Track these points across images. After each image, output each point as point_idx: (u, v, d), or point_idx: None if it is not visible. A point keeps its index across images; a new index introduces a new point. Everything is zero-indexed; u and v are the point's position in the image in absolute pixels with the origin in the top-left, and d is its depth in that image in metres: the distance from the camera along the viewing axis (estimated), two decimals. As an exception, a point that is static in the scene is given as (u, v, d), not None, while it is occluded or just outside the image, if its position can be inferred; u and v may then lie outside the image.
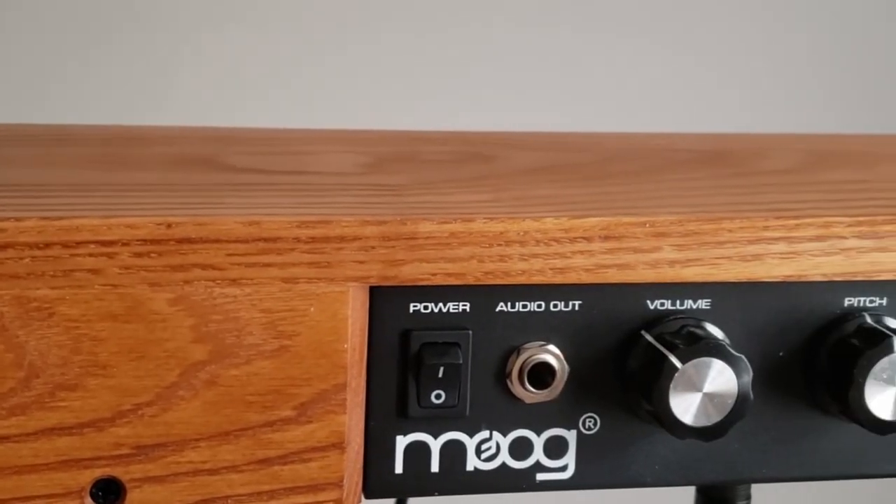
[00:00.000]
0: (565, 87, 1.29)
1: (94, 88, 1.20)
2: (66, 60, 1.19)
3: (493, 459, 0.46)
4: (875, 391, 0.45)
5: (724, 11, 1.32)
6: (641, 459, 0.47)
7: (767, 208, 0.46)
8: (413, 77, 1.26)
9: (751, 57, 1.33)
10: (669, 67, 1.31)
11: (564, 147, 0.63)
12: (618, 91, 1.30)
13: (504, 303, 0.45)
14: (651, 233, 0.44)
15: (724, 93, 1.33)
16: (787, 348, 0.47)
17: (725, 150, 0.64)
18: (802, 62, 1.34)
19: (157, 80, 1.21)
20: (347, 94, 1.25)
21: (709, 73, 1.32)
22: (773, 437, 0.48)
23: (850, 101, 1.35)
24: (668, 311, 0.46)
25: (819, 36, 1.34)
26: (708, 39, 1.32)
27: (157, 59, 1.21)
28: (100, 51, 1.20)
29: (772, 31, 1.34)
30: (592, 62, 1.30)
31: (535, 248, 0.43)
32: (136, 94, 1.21)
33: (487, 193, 0.48)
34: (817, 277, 0.45)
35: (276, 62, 1.23)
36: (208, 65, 1.22)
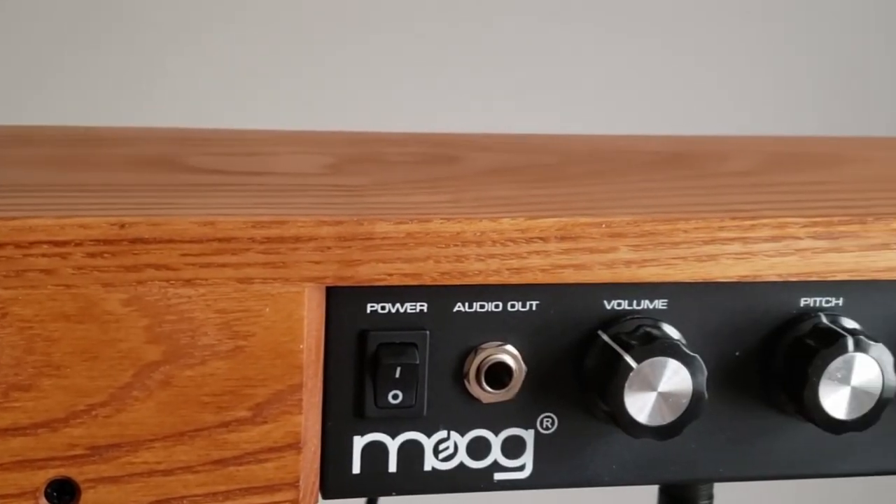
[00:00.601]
0: (545, 86, 1.29)
1: (71, 89, 1.20)
2: (44, 59, 1.19)
3: (450, 459, 0.46)
4: (829, 391, 0.45)
5: (717, 12, 1.33)
6: (599, 459, 0.47)
7: (723, 209, 0.47)
8: (393, 78, 1.26)
9: (740, 57, 1.34)
10: (656, 67, 1.32)
11: (528, 148, 0.63)
12: (600, 91, 1.31)
13: (461, 303, 0.45)
14: (607, 233, 0.44)
15: (713, 94, 1.33)
16: (744, 348, 0.47)
17: (687, 151, 0.64)
18: (790, 63, 1.35)
19: (134, 82, 1.21)
20: (321, 95, 1.25)
21: (695, 73, 1.33)
22: (730, 436, 0.48)
23: (835, 102, 1.36)
24: (625, 311, 0.46)
25: (806, 37, 1.35)
26: (698, 39, 1.33)
27: (135, 61, 1.21)
28: (75, 52, 1.19)
29: (763, 32, 1.34)
30: (574, 62, 1.30)
31: (491, 249, 0.43)
32: (113, 96, 1.21)
33: (447, 194, 0.48)
34: (772, 277, 0.45)
35: (256, 64, 1.23)
36: (188, 66, 1.22)
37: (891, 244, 0.46)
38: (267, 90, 1.24)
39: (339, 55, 1.24)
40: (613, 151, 0.63)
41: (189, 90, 1.22)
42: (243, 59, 1.23)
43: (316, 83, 1.25)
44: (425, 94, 1.27)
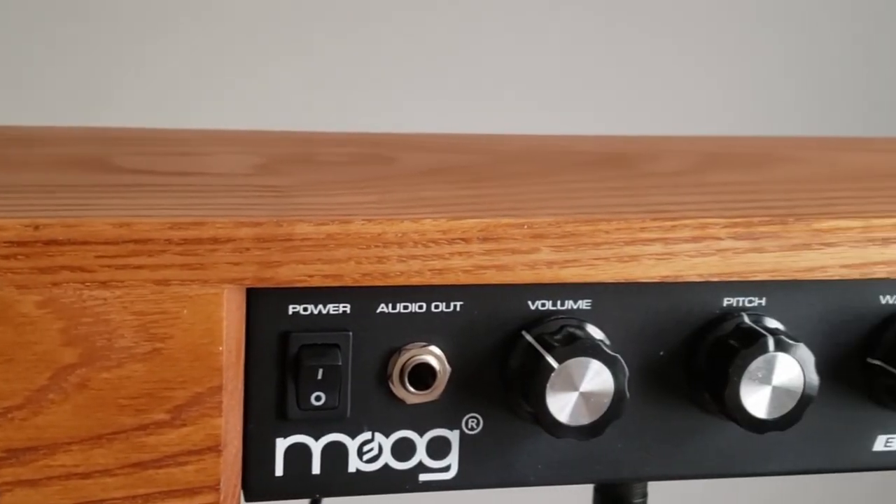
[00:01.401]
0: (511, 84, 1.30)
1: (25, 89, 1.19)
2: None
3: (375, 461, 0.46)
4: (750, 390, 0.46)
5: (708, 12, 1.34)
6: (525, 459, 0.47)
7: (646, 210, 0.47)
8: (354, 78, 1.26)
9: (726, 58, 1.35)
10: (631, 66, 1.33)
11: (464, 149, 0.63)
12: (568, 90, 1.31)
13: (385, 304, 0.45)
14: (529, 234, 0.44)
15: (690, 93, 1.34)
16: (668, 348, 0.48)
17: (621, 152, 0.64)
18: (774, 64, 1.36)
19: (92, 81, 1.20)
20: (275, 94, 1.25)
21: (673, 72, 1.34)
22: (655, 436, 0.48)
23: (814, 102, 1.37)
24: (549, 312, 0.46)
25: (789, 37, 1.36)
26: (680, 38, 1.34)
27: (94, 60, 1.20)
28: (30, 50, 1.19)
29: (745, 33, 1.35)
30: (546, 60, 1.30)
31: (413, 250, 0.43)
32: (68, 96, 1.20)
33: (375, 195, 0.48)
34: (693, 278, 0.46)
35: (213, 63, 1.23)
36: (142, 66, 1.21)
37: (811, 244, 0.46)
38: (222, 90, 1.23)
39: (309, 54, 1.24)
40: (548, 152, 0.63)
41: (141, 91, 1.22)
42: (198, 58, 1.22)
43: (272, 82, 1.24)
44: (383, 95, 1.27)
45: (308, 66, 1.25)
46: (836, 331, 0.49)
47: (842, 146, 0.71)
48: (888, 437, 0.50)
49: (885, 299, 0.49)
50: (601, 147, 0.66)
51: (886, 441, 0.50)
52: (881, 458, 0.51)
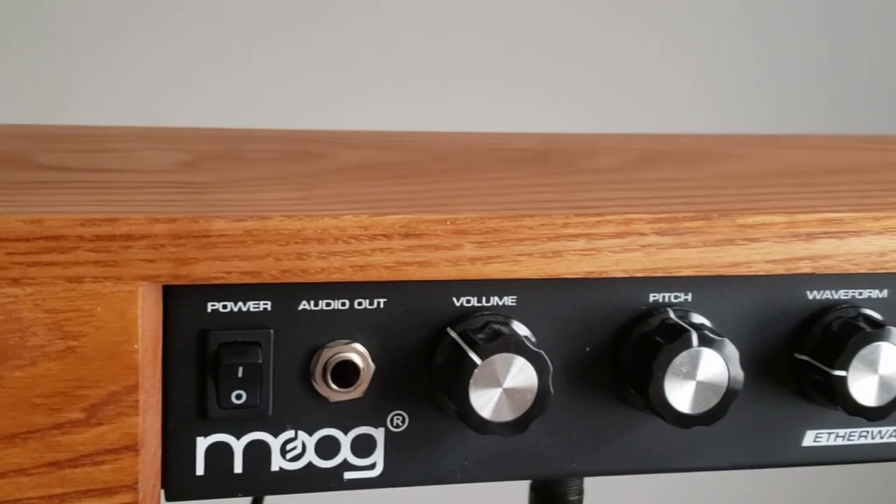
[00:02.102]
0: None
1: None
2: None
3: (298, 459, 0.45)
4: (675, 386, 0.45)
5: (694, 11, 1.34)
6: (451, 456, 0.47)
7: (572, 206, 0.47)
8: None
9: (705, 57, 1.35)
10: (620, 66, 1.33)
11: (396, 145, 0.63)
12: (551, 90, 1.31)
13: (307, 301, 0.44)
14: (452, 230, 0.44)
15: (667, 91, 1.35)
16: (595, 344, 0.47)
17: (557, 149, 0.64)
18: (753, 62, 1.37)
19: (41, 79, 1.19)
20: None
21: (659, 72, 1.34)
22: (583, 432, 0.48)
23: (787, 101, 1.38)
24: (475, 308, 0.46)
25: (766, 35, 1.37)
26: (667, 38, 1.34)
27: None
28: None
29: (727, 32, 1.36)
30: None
31: (333, 246, 0.42)
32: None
33: (299, 191, 0.48)
34: (618, 273, 0.46)
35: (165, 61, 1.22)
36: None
37: (736, 240, 0.46)
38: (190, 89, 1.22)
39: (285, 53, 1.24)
40: (484, 149, 0.63)
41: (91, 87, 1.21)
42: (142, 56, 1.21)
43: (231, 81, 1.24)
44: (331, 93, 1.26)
45: (283, 63, 1.24)
46: (764, 326, 0.49)
47: (779, 143, 0.71)
48: (817, 433, 0.50)
49: (812, 294, 0.49)
50: (538, 144, 0.66)
51: (815, 436, 0.50)
52: (810, 454, 0.51)
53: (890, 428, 0.51)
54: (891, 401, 0.48)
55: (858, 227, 0.47)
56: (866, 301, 0.49)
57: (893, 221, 0.47)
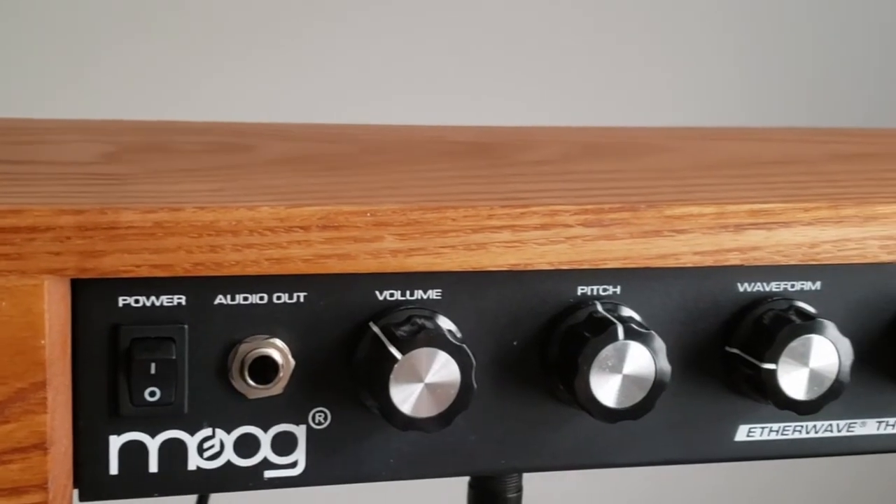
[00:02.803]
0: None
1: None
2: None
3: (217, 458, 0.44)
4: (601, 379, 0.45)
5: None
6: (376, 453, 0.46)
7: (498, 197, 0.46)
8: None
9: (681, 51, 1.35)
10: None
11: (331, 138, 0.62)
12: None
13: (223, 295, 0.43)
14: (372, 222, 0.43)
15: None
16: (522, 337, 0.47)
17: (496, 141, 0.63)
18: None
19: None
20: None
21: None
22: (511, 427, 0.47)
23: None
24: (399, 302, 0.45)
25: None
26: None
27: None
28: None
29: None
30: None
31: (248, 238, 0.41)
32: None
33: (219, 183, 0.47)
34: (543, 266, 0.45)
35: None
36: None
37: (663, 231, 0.45)
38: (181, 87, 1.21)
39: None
40: (420, 141, 0.62)
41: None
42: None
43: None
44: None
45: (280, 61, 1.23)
46: (694, 319, 0.48)
47: (722, 136, 0.70)
48: (750, 427, 0.50)
49: (744, 287, 0.48)
50: (478, 137, 0.65)
51: (749, 431, 0.50)
52: (744, 449, 0.50)
53: (825, 422, 0.50)
54: (822, 394, 0.47)
55: (788, 218, 0.46)
56: (799, 293, 0.49)
57: (824, 212, 0.47)
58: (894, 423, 0.51)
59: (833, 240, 0.47)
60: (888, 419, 0.51)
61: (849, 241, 0.47)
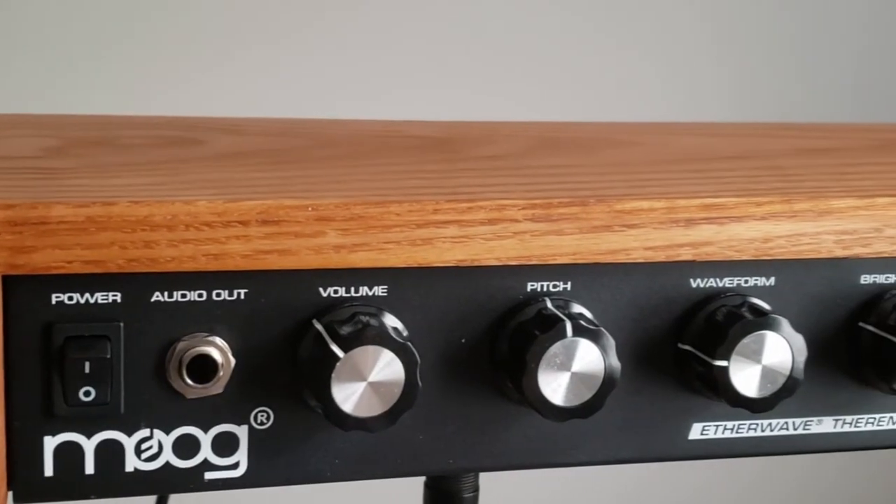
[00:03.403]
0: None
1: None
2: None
3: (155, 459, 0.43)
4: (549, 377, 0.44)
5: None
6: (320, 454, 0.45)
7: (445, 192, 0.45)
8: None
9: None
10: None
11: (285, 132, 0.60)
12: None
13: (160, 292, 0.42)
14: (314, 217, 0.42)
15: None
16: (470, 334, 0.46)
17: (454, 136, 0.62)
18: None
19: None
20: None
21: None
22: (460, 426, 0.46)
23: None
24: (343, 299, 0.44)
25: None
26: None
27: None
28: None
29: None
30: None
31: (185, 234, 0.40)
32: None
33: (160, 177, 0.45)
34: (491, 261, 0.44)
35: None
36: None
37: (613, 226, 0.44)
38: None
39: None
40: (376, 136, 0.61)
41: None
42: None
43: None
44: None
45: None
46: (646, 315, 0.47)
47: (681, 131, 0.70)
48: (704, 425, 0.49)
49: (696, 283, 0.48)
50: (436, 132, 0.64)
51: (703, 429, 0.49)
52: (698, 447, 0.49)
53: (780, 420, 0.50)
54: (776, 392, 0.46)
55: (740, 213, 0.45)
56: (752, 289, 0.48)
57: (777, 207, 0.46)
58: (852, 421, 0.51)
59: (786, 234, 0.46)
60: (845, 417, 0.50)
61: (803, 235, 0.46)
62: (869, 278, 0.49)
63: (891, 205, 0.47)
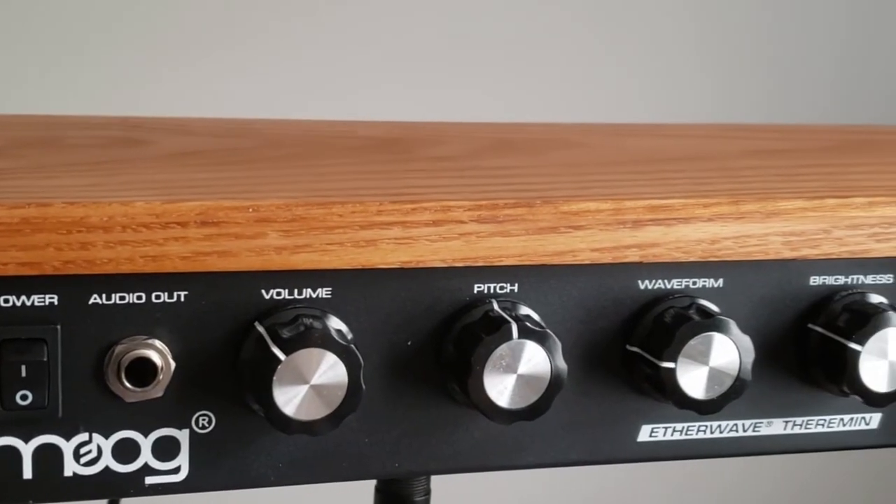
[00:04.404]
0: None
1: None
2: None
3: (94, 463, 0.42)
4: (495, 380, 0.43)
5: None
6: (264, 458, 0.44)
7: (390, 193, 0.44)
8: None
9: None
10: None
11: (234, 132, 0.60)
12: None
13: (98, 294, 0.41)
14: (254, 218, 0.41)
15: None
16: (417, 337, 0.45)
17: (405, 136, 0.62)
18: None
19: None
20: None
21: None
22: (406, 429, 0.46)
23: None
24: (286, 301, 0.43)
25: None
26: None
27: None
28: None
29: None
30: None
31: (121, 235, 0.40)
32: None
33: (99, 178, 0.45)
34: (436, 263, 0.43)
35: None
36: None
37: (559, 228, 0.44)
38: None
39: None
40: (326, 136, 0.61)
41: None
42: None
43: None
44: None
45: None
46: (594, 317, 0.47)
47: (633, 132, 0.70)
48: (653, 427, 0.49)
49: (644, 284, 0.47)
50: (387, 132, 0.64)
51: (651, 431, 0.49)
52: (646, 449, 0.49)
53: (730, 422, 0.50)
54: (723, 393, 0.46)
55: (687, 214, 0.45)
56: (701, 290, 0.48)
57: (724, 208, 0.46)
58: (802, 423, 0.51)
59: (734, 236, 0.46)
60: (795, 419, 0.50)
61: (750, 237, 0.46)
62: (818, 279, 0.49)
63: (840, 206, 0.47)
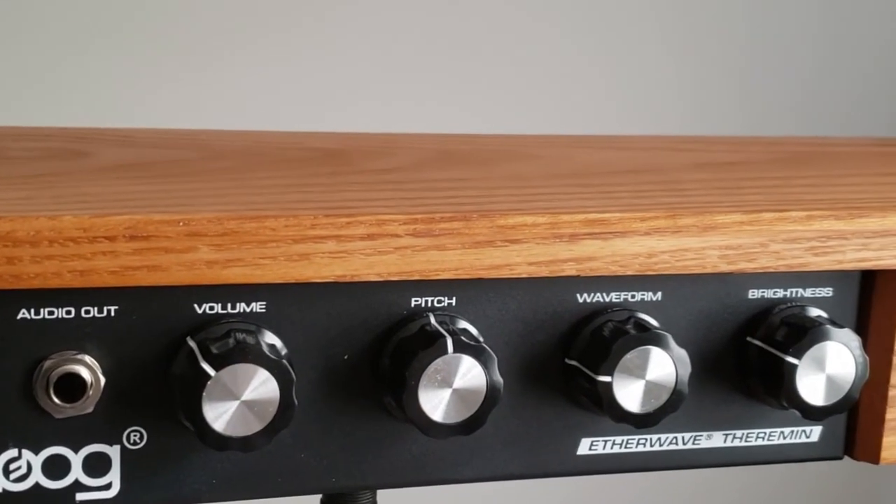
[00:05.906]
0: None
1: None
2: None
3: (24, 480, 0.42)
4: (430, 394, 0.43)
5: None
6: (197, 474, 0.44)
7: (325, 206, 0.44)
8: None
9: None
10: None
11: (176, 144, 0.59)
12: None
13: (27, 309, 0.41)
14: (184, 232, 0.41)
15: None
16: (353, 351, 0.45)
17: (351, 148, 0.62)
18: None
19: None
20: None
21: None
22: (343, 444, 0.45)
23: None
24: (219, 316, 0.43)
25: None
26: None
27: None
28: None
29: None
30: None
31: (49, 250, 0.39)
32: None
33: (30, 191, 0.44)
34: (371, 277, 0.43)
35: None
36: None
37: (495, 241, 0.44)
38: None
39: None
40: (270, 148, 0.60)
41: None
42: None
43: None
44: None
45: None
46: (533, 331, 0.47)
47: (585, 143, 0.70)
48: (592, 440, 0.49)
49: (583, 297, 0.47)
50: (334, 144, 0.63)
51: (591, 444, 0.49)
52: (586, 462, 0.49)
53: (669, 435, 0.50)
54: (660, 407, 0.46)
55: (624, 228, 0.45)
56: (639, 304, 0.48)
57: (661, 222, 0.46)
58: (742, 436, 0.51)
59: (671, 250, 0.46)
60: (735, 431, 0.50)
61: (687, 251, 0.46)
62: (757, 293, 0.49)
63: (777, 220, 0.47)
